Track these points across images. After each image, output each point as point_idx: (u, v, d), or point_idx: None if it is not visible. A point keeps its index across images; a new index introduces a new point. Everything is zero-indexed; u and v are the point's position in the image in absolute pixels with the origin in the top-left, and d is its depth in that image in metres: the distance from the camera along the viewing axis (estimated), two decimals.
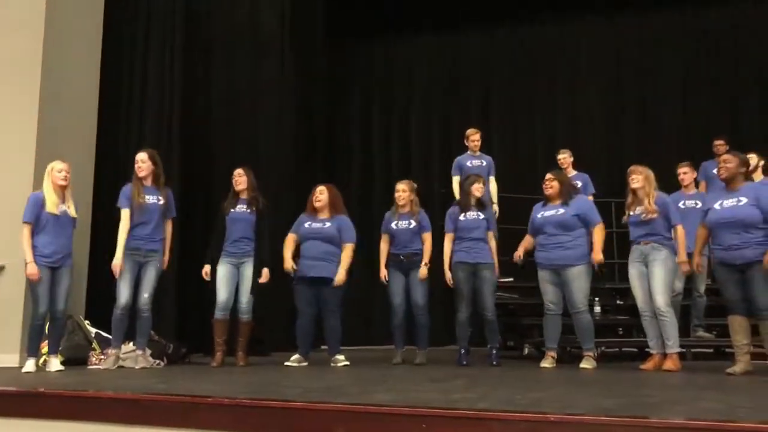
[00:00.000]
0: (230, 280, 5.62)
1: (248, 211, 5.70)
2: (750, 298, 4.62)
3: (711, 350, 6.39)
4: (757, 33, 8.96)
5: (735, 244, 4.62)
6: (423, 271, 5.74)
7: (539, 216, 5.50)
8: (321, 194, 5.73)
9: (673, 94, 9.28)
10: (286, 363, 5.48)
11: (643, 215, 5.16)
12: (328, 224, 5.67)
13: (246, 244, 5.65)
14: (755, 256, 4.55)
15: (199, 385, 3.84)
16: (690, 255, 5.22)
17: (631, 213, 5.29)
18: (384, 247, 5.88)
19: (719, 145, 6.97)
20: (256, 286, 5.62)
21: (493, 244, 5.75)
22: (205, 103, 7.42)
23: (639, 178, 5.24)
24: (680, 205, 6.02)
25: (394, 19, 9.53)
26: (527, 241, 5.64)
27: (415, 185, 6.03)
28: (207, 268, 5.66)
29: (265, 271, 5.65)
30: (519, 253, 5.61)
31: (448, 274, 5.68)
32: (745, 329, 4.72)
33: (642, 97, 9.39)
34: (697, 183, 6.61)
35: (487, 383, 4.05)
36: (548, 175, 5.59)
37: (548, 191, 5.51)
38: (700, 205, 5.89)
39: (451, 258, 5.71)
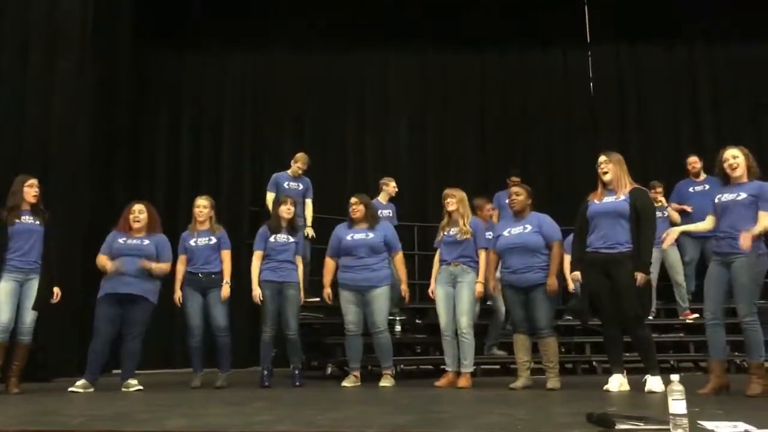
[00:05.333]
0: (14, 298, 5.11)
1: (36, 222, 5.27)
2: (532, 318, 5.04)
3: (498, 367, 6.87)
4: (544, 74, 9.98)
5: (521, 268, 5.02)
6: (225, 290, 5.58)
7: (349, 238, 5.57)
8: (141, 213, 5.44)
9: (473, 129, 9.95)
10: (70, 389, 5.01)
11: (458, 235, 5.38)
12: (146, 242, 5.40)
13: (36, 259, 5.21)
14: (539, 279, 4.98)
15: None
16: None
17: (445, 233, 5.49)
18: (180, 267, 5.63)
19: (514, 177, 7.57)
20: (42, 302, 5.16)
21: (300, 267, 5.75)
22: None
23: (454, 201, 5.47)
24: None
25: (206, 34, 9.24)
26: (330, 265, 5.69)
27: (214, 202, 5.89)
28: None
29: (57, 290, 5.27)
30: (328, 291, 5.64)
31: (257, 291, 5.58)
32: (527, 347, 5.14)
33: (444, 130, 9.94)
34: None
35: (289, 404, 4.03)
36: (353, 199, 5.71)
37: (355, 214, 5.63)
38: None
39: (258, 276, 5.62)
